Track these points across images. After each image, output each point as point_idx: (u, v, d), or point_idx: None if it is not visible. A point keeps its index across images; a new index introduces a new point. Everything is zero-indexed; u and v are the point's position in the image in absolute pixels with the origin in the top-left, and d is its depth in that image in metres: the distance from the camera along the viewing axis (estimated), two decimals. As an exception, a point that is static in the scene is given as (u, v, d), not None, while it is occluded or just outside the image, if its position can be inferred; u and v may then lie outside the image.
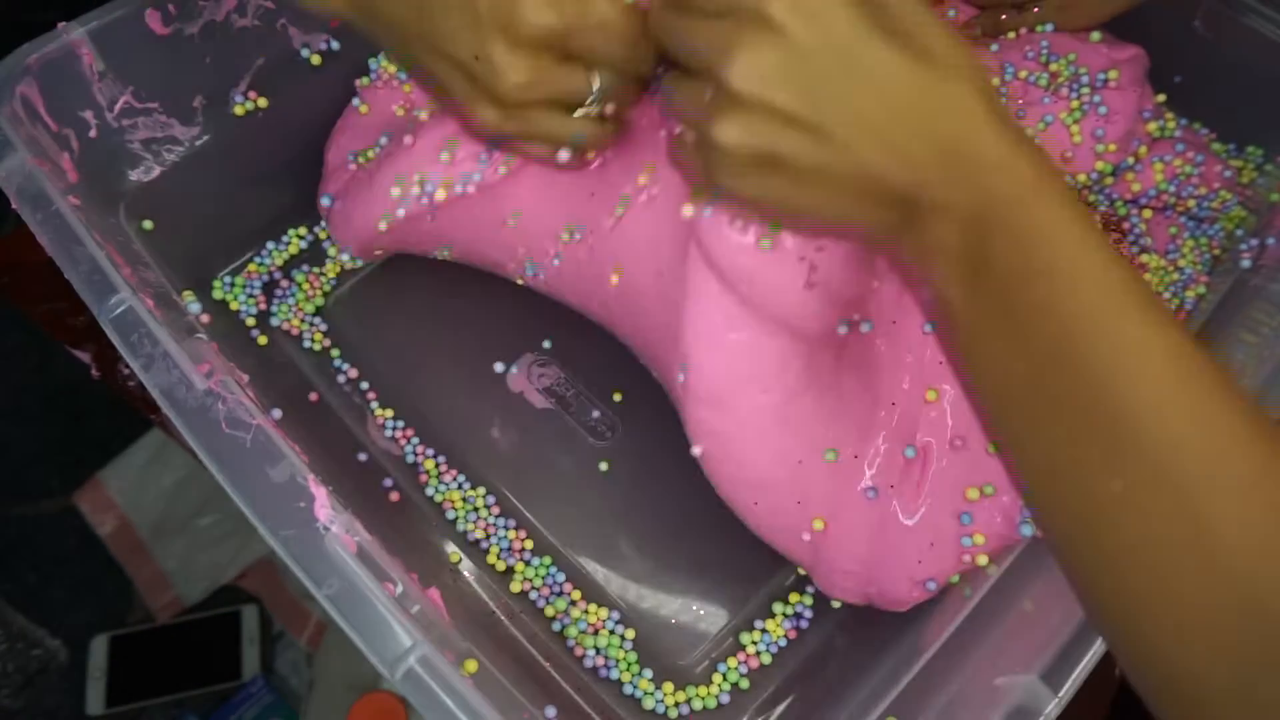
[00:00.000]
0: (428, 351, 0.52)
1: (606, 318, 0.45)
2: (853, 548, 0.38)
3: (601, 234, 0.41)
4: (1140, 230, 0.47)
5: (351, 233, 0.48)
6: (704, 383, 0.37)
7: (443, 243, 0.48)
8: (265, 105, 0.50)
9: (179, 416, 0.33)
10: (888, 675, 0.37)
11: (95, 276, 0.36)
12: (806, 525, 0.39)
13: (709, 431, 0.38)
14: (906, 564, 0.38)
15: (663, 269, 0.38)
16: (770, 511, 0.39)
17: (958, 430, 0.38)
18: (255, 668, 0.80)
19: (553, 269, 0.45)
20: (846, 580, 0.40)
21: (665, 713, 0.43)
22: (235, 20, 0.46)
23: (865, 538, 0.38)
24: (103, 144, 0.45)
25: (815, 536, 0.39)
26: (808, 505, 0.38)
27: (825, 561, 0.40)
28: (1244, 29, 0.48)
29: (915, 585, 0.38)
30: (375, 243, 0.49)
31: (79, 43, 0.42)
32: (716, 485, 0.40)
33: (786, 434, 0.37)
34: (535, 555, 0.46)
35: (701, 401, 0.37)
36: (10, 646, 0.86)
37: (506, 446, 0.49)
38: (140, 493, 0.87)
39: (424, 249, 0.49)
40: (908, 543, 0.38)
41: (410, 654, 0.30)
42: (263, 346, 0.51)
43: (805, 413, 0.37)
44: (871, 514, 0.38)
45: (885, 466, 0.38)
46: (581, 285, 0.44)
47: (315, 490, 0.32)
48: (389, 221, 0.46)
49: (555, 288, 0.47)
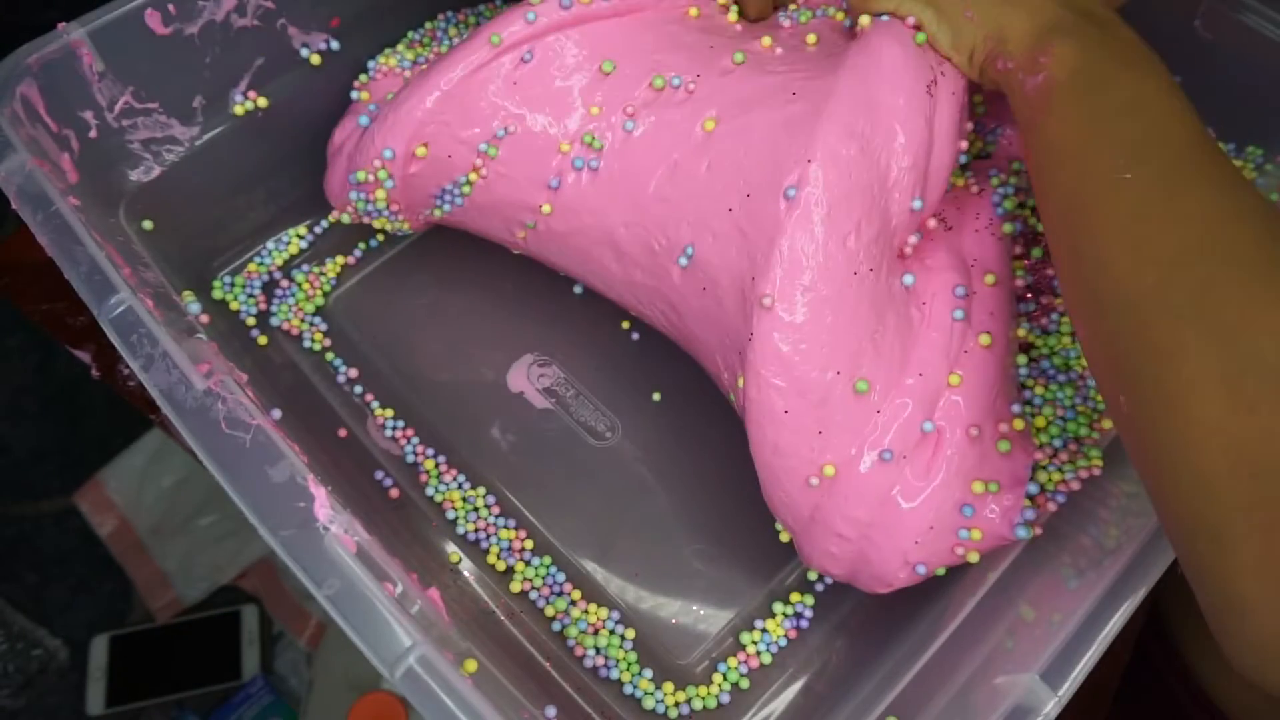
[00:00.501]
0: (428, 351, 0.52)
1: (661, 202, 0.44)
2: (854, 510, 0.38)
3: (711, 78, 0.43)
4: None
5: (394, 128, 0.45)
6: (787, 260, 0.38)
7: (497, 122, 0.45)
8: (265, 105, 0.50)
9: (179, 417, 0.33)
10: (888, 675, 0.37)
11: (95, 276, 0.36)
12: (817, 468, 0.38)
13: (778, 303, 0.38)
14: (902, 542, 0.38)
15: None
16: (793, 429, 0.38)
17: (974, 418, 0.38)
18: (255, 668, 0.81)
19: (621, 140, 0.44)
20: (839, 547, 0.39)
21: (665, 713, 0.43)
22: (235, 20, 0.46)
23: (869, 502, 0.38)
24: (103, 144, 0.45)
25: (823, 484, 0.38)
26: (827, 438, 0.38)
27: (822, 523, 0.39)
28: (1244, 29, 0.48)
29: (905, 565, 0.38)
30: (428, 122, 0.45)
31: (79, 43, 0.42)
32: (755, 391, 0.39)
33: (839, 327, 0.37)
34: (535, 555, 0.47)
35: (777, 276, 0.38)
36: (10, 646, 0.86)
37: (506, 446, 0.49)
38: (140, 493, 0.87)
39: (472, 139, 0.46)
40: (908, 520, 0.38)
41: (410, 654, 0.30)
42: (262, 346, 0.51)
43: (858, 318, 0.38)
44: (880, 480, 0.38)
45: (903, 432, 0.38)
46: (656, 152, 0.43)
47: (315, 490, 0.32)
48: (455, 77, 0.43)
49: (610, 174, 0.44)
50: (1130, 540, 0.35)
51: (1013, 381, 0.41)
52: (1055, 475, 0.41)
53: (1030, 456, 0.39)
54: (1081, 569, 0.36)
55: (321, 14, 0.49)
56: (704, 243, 0.41)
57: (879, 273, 0.38)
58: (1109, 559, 0.35)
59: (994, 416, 0.39)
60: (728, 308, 0.40)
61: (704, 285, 0.42)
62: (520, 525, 0.47)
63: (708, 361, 0.44)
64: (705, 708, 0.43)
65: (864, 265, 0.38)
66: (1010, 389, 0.40)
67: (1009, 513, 0.37)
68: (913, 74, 0.39)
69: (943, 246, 0.42)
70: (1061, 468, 0.41)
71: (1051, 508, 0.40)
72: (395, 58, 0.52)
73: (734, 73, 0.42)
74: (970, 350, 0.39)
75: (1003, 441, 0.38)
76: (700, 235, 0.41)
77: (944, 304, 0.39)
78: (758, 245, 0.39)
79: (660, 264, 0.43)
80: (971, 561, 0.38)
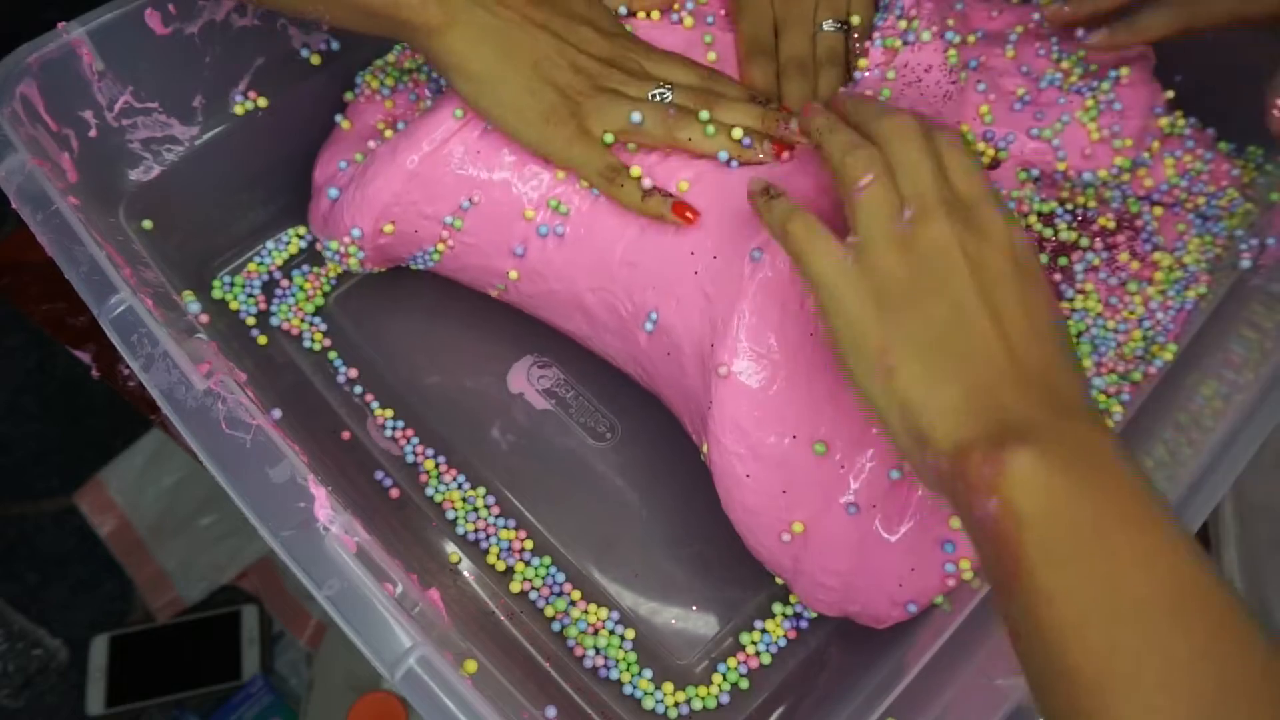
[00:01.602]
0: (428, 351, 0.52)
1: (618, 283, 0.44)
2: (832, 561, 0.38)
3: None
4: (1153, 228, 0.47)
5: (360, 208, 0.46)
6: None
7: (462, 195, 0.45)
8: (265, 105, 0.49)
9: (179, 417, 0.33)
10: (888, 676, 0.37)
11: (95, 276, 0.36)
12: (786, 525, 0.38)
13: (732, 370, 0.38)
14: (886, 585, 0.38)
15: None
16: (756, 491, 0.39)
17: None
18: (255, 668, 0.81)
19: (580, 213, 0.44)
20: (826, 594, 0.40)
21: (665, 713, 0.43)
22: (235, 20, 0.46)
23: (845, 553, 0.38)
24: (102, 144, 0.45)
25: (795, 540, 0.39)
26: (792, 497, 0.38)
27: (805, 573, 0.39)
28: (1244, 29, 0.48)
29: (895, 605, 0.38)
30: (394, 204, 0.45)
31: (79, 43, 0.42)
32: (717, 456, 0.39)
33: (795, 393, 0.37)
34: (535, 555, 0.46)
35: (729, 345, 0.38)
36: (10, 646, 0.86)
37: (506, 447, 0.49)
38: (140, 493, 0.87)
39: (437, 214, 0.46)
40: (889, 564, 0.38)
41: (410, 654, 0.30)
42: (262, 346, 0.51)
43: (815, 381, 0.37)
44: (852, 530, 0.38)
45: (869, 483, 0.38)
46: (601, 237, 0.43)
47: (315, 491, 0.32)
48: (420, 155, 0.43)
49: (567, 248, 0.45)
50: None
51: None
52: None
53: None
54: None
55: (322, 14, 0.49)
56: (668, 307, 0.41)
57: (828, 354, 0.37)
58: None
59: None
60: (690, 373, 0.41)
61: (668, 350, 0.42)
62: (520, 526, 0.47)
63: (681, 417, 0.45)
64: (705, 708, 0.43)
65: (814, 349, 0.37)
66: None
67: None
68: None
69: None
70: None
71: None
72: (378, 79, 0.51)
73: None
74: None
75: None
76: (665, 300, 0.41)
77: None
78: (719, 309, 0.39)
79: (627, 328, 0.44)
80: (966, 580, 0.38)
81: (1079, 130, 0.45)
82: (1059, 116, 0.45)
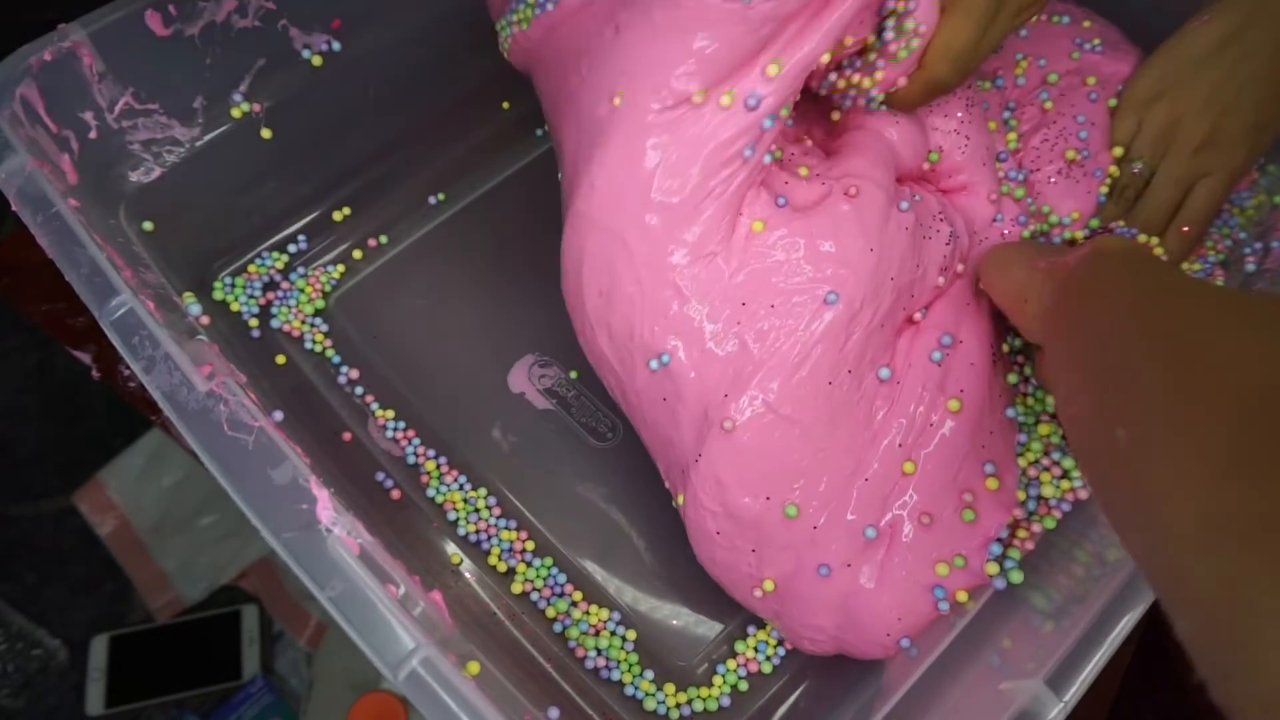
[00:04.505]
0: (428, 352, 0.52)
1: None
2: (813, 617, 0.38)
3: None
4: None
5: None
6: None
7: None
8: (266, 106, 0.49)
9: (181, 419, 0.33)
10: (890, 679, 0.37)
11: (96, 278, 0.36)
12: (757, 582, 0.38)
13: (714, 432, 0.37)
14: (875, 634, 0.37)
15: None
16: (726, 548, 0.38)
17: (927, 505, 0.37)
18: (255, 668, 0.80)
19: None
20: (814, 645, 0.40)
21: (666, 714, 0.43)
22: (235, 21, 0.46)
23: (827, 611, 0.38)
24: (103, 145, 0.45)
25: (769, 597, 0.38)
26: (761, 556, 0.38)
27: (790, 627, 0.39)
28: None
29: (890, 646, 0.38)
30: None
31: (79, 43, 0.42)
32: (692, 511, 0.38)
33: (781, 452, 0.36)
34: (536, 556, 0.46)
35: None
36: (10, 646, 0.86)
37: (508, 447, 0.49)
38: (140, 493, 0.87)
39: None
40: (873, 617, 0.37)
41: (413, 656, 0.30)
42: (263, 348, 0.51)
43: (809, 437, 0.36)
44: (830, 589, 0.37)
45: (845, 542, 0.37)
46: None
47: (317, 492, 0.32)
48: None
49: None
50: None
51: (993, 430, 0.40)
52: (1063, 485, 0.40)
53: (1006, 513, 0.38)
54: (1089, 575, 0.36)
55: (322, 15, 0.49)
56: (690, 352, 0.36)
57: (857, 372, 0.37)
58: (1115, 565, 0.35)
59: (957, 489, 0.38)
60: (683, 424, 0.37)
61: (665, 396, 0.38)
62: (521, 526, 0.47)
63: (656, 460, 0.42)
64: (706, 709, 0.43)
65: (844, 368, 0.36)
66: (984, 444, 0.39)
67: (978, 574, 0.37)
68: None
69: (943, 300, 0.41)
70: (1056, 483, 0.40)
71: (1030, 546, 0.39)
72: None
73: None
74: (936, 422, 0.38)
75: (967, 511, 0.37)
76: (689, 344, 0.36)
77: (917, 377, 0.38)
78: (752, 357, 0.36)
79: (630, 356, 0.38)
80: (961, 602, 0.37)
81: (1098, 136, 0.46)
82: (1074, 117, 0.47)
